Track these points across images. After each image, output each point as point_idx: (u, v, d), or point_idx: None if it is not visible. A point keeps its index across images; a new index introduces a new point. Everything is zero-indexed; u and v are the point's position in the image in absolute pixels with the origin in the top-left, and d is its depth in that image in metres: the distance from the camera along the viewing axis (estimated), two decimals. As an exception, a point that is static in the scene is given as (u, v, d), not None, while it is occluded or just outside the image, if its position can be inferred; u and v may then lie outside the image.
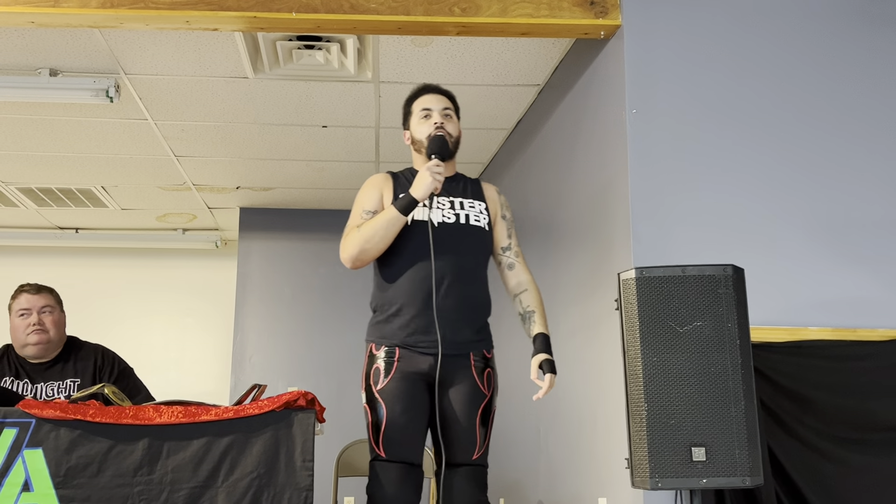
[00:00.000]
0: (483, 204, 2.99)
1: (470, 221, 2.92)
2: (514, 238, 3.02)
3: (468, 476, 2.80)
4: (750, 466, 2.46)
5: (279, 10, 3.32)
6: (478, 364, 2.86)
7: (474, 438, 2.81)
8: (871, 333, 3.13)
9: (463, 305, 2.85)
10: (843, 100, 3.33)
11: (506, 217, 3.02)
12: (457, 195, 2.97)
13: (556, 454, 4.00)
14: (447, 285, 2.83)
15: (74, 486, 2.57)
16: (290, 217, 6.88)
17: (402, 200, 2.84)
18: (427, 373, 2.82)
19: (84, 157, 5.47)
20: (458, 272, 2.86)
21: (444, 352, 2.79)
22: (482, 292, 2.93)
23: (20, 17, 3.30)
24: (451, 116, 2.98)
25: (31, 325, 3.48)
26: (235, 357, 6.73)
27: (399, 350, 2.85)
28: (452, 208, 2.93)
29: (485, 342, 2.91)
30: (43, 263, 7.47)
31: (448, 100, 3.01)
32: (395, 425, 2.81)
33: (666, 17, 3.32)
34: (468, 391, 2.83)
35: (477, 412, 2.83)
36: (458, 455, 2.82)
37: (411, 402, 2.81)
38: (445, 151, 2.89)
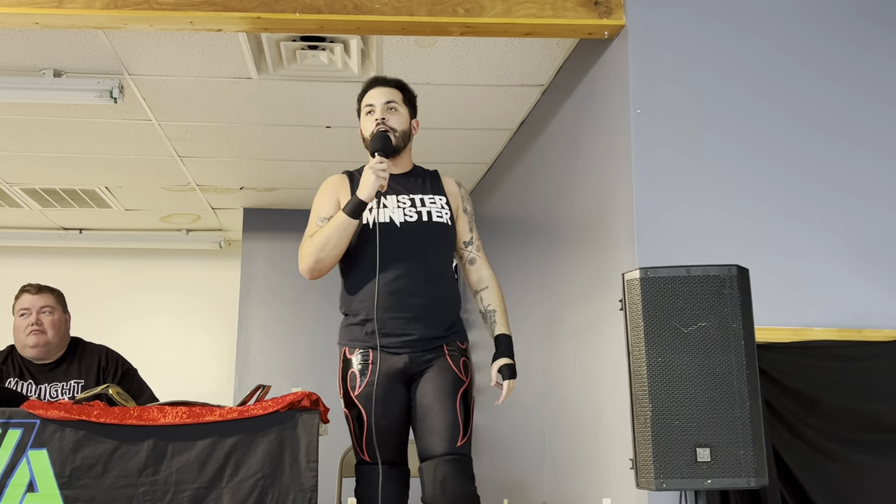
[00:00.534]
0: (444, 198, 2.97)
1: (432, 218, 2.90)
2: (475, 232, 3.01)
3: (455, 465, 2.72)
4: (755, 467, 2.46)
5: (283, 10, 3.32)
6: (453, 353, 2.86)
7: (456, 425, 2.76)
8: (877, 334, 3.13)
9: (432, 303, 2.85)
10: (847, 100, 3.32)
11: (467, 210, 3.00)
12: (416, 191, 2.95)
13: (560, 455, 3.99)
14: (416, 284, 2.83)
15: (79, 486, 2.57)
16: (294, 217, 6.87)
17: (350, 203, 2.84)
18: (403, 370, 2.82)
19: (88, 157, 5.47)
20: (424, 271, 2.86)
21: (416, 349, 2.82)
22: (450, 289, 2.93)
23: (24, 18, 3.31)
24: (396, 109, 2.95)
25: (29, 326, 3.48)
26: (239, 358, 6.73)
27: (373, 352, 2.84)
28: (413, 206, 2.91)
29: (458, 334, 2.91)
30: (47, 264, 7.48)
31: (396, 90, 2.98)
32: (374, 428, 2.79)
33: (670, 18, 3.32)
34: (446, 378, 2.81)
35: (456, 398, 2.79)
36: (440, 444, 2.75)
37: (389, 404, 2.81)
38: (388, 148, 2.88)
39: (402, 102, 2.98)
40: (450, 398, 2.79)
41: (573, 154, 3.93)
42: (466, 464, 2.76)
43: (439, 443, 2.75)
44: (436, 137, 5.10)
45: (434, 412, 2.78)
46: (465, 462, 2.76)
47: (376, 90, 2.98)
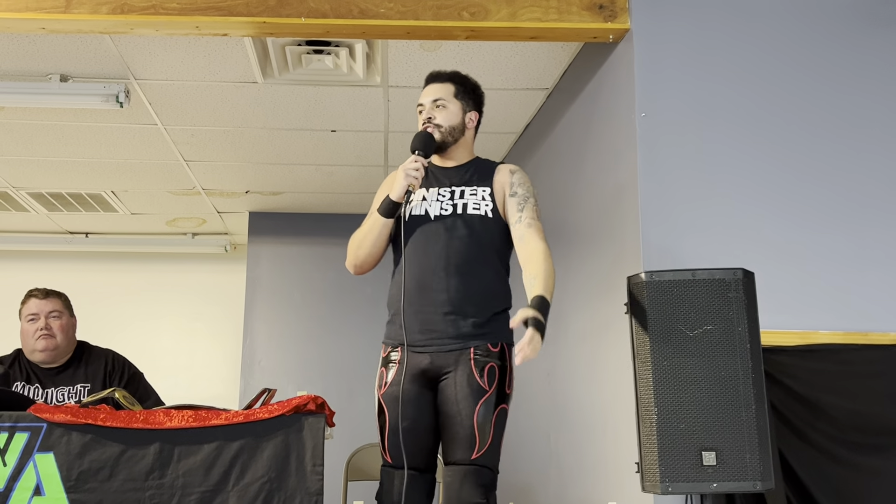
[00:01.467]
0: (488, 189, 2.85)
1: (468, 210, 2.81)
2: (527, 211, 2.81)
3: (465, 475, 2.64)
4: (761, 471, 2.46)
5: (289, 15, 3.33)
6: (478, 358, 2.70)
7: (472, 436, 2.64)
8: (883, 337, 3.12)
9: (458, 298, 2.73)
10: (854, 101, 3.32)
11: (516, 193, 2.84)
12: (460, 184, 2.88)
13: (566, 458, 3.99)
14: (442, 279, 2.74)
15: (86, 490, 2.57)
16: (300, 221, 6.89)
17: (383, 202, 2.83)
18: (425, 370, 2.74)
19: (94, 161, 5.49)
20: (453, 263, 2.75)
21: (440, 348, 2.72)
22: (486, 282, 2.77)
23: (31, 24, 3.32)
24: (445, 105, 2.89)
25: (39, 331, 3.49)
26: (245, 361, 6.74)
27: (401, 350, 2.78)
28: (451, 198, 2.85)
29: (490, 335, 2.73)
30: (53, 268, 7.49)
31: (449, 84, 2.92)
32: (395, 430, 2.73)
33: (675, 21, 3.32)
34: (466, 385, 2.67)
35: (475, 408, 2.65)
36: (456, 454, 2.67)
37: (410, 407, 2.73)
38: (428, 146, 2.85)
39: (454, 97, 2.91)
40: (469, 407, 2.66)
41: (578, 157, 3.93)
42: (481, 475, 2.64)
43: (456, 452, 2.67)
44: (441, 141, 5.11)
45: (453, 420, 2.68)
46: (480, 473, 2.64)
47: (427, 88, 2.95)
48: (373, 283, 6.79)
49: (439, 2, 3.37)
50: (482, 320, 2.74)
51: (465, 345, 2.71)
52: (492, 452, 2.67)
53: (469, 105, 2.94)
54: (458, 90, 2.92)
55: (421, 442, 2.73)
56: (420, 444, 2.72)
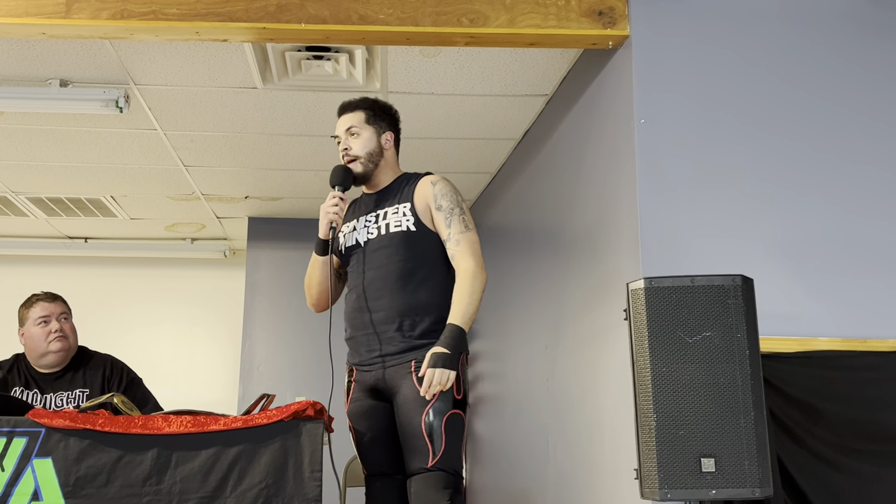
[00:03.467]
0: (408, 204, 2.95)
1: (390, 230, 2.93)
2: (454, 226, 2.91)
3: (426, 482, 2.75)
4: (759, 477, 2.46)
5: (288, 21, 3.33)
6: (418, 369, 2.81)
7: (425, 445, 2.75)
8: (882, 344, 3.12)
9: (393, 316, 2.87)
10: (853, 108, 3.32)
11: (441, 207, 2.93)
12: (383, 206, 3.00)
13: (564, 464, 3.99)
14: (375, 299, 2.90)
15: (84, 495, 2.57)
16: (299, 227, 6.88)
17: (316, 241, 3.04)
18: (374, 386, 2.93)
19: (93, 166, 5.49)
20: (382, 284, 2.90)
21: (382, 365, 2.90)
22: (419, 296, 2.88)
23: (31, 28, 3.32)
24: (358, 133, 3.03)
25: (52, 333, 3.50)
26: (244, 367, 6.73)
27: (355, 370, 3.02)
28: (376, 222, 2.98)
29: (429, 346, 2.82)
30: (52, 273, 7.49)
31: (359, 112, 3.06)
32: (361, 442, 2.94)
33: (674, 28, 3.33)
34: (410, 398, 2.80)
35: (421, 417, 2.76)
36: (414, 464, 2.79)
37: (370, 420, 2.93)
38: (346, 180, 3.00)
39: (366, 122, 3.05)
40: (416, 418, 2.78)
41: (577, 164, 3.93)
42: (440, 479, 2.75)
43: (413, 462, 2.80)
44: (439, 147, 5.12)
45: (404, 432, 2.82)
46: (439, 477, 2.75)
47: (340, 120, 3.09)
48: (372, 289, 6.78)
49: (439, 8, 3.37)
50: (419, 332, 2.87)
51: (405, 359, 2.86)
52: (448, 456, 2.77)
53: (382, 127, 3.09)
54: (368, 116, 3.07)
55: (383, 450, 2.91)
56: (383, 451, 2.91)
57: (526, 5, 3.38)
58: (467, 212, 2.96)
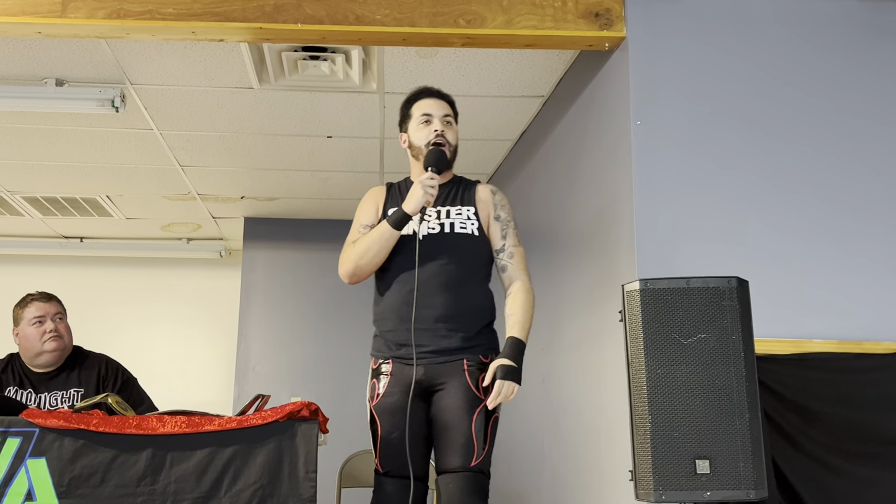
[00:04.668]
0: (472, 208, 2.93)
1: (455, 230, 2.88)
2: (509, 238, 2.93)
3: (464, 482, 2.72)
4: (754, 479, 2.46)
5: (285, 21, 3.33)
6: (472, 369, 2.79)
7: (471, 444, 2.73)
8: (877, 346, 3.13)
9: (449, 314, 2.82)
10: (848, 111, 3.33)
11: (500, 218, 2.94)
12: (446, 203, 2.94)
13: (559, 466, 3.99)
14: (431, 296, 2.82)
15: (78, 495, 2.56)
16: (295, 227, 6.89)
17: (394, 215, 2.85)
18: (418, 381, 2.81)
19: (89, 166, 5.48)
20: (442, 282, 2.83)
21: (432, 361, 2.80)
22: (474, 299, 2.87)
23: (27, 28, 3.32)
24: (452, 124, 2.95)
25: (47, 333, 3.49)
26: (239, 367, 6.73)
27: (393, 362, 2.87)
28: (438, 218, 2.91)
29: (481, 347, 2.84)
30: (47, 272, 7.49)
31: (449, 105, 2.98)
32: (388, 440, 2.82)
33: (670, 29, 3.33)
34: (462, 396, 2.77)
35: (472, 417, 2.75)
36: (454, 462, 2.74)
37: (401, 417, 2.79)
38: (443, 164, 2.88)
39: (454, 118, 2.98)
40: (466, 416, 2.75)
41: (574, 165, 3.93)
42: (480, 481, 2.74)
43: (454, 459, 2.74)
44: (437, 148, 5.11)
45: (450, 430, 2.76)
46: (479, 479, 2.74)
47: (434, 101, 2.96)
48: (368, 289, 6.77)
49: (435, 9, 3.37)
50: (472, 334, 2.85)
51: (457, 357, 2.81)
52: (487, 459, 2.78)
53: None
54: (454, 113, 3.00)
55: (413, 452, 2.78)
56: (414, 452, 2.78)
57: (523, 6, 3.38)
58: (517, 227, 2.98)
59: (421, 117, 2.94)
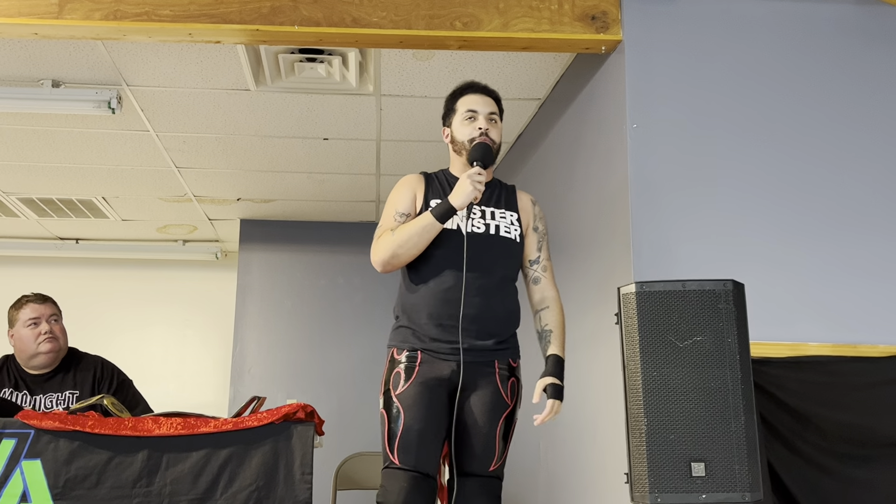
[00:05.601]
0: (515, 214, 2.90)
1: (500, 233, 2.84)
2: (544, 251, 2.93)
3: (482, 487, 2.71)
4: (750, 482, 2.46)
5: (282, 23, 3.33)
6: (503, 372, 2.79)
7: (493, 449, 2.72)
8: (872, 349, 3.13)
9: (487, 316, 2.77)
10: (843, 114, 3.34)
11: (538, 229, 2.93)
12: (490, 204, 2.89)
13: (555, 468, 3.99)
14: (472, 295, 2.76)
15: (73, 497, 2.56)
16: (291, 229, 6.89)
17: (440, 207, 2.77)
18: (448, 379, 2.74)
19: (85, 167, 5.48)
20: (483, 283, 2.78)
21: (467, 359, 2.73)
22: (508, 303, 2.84)
23: (24, 29, 3.32)
24: (496, 122, 2.89)
25: (42, 335, 3.48)
26: (234, 369, 6.72)
27: (422, 354, 2.76)
28: (483, 218, 2.86)
29: (510, 351, 2.84)
30: (43, 274, 7.47)
31: (496, 103, 2.92)
32: (411, 431, 2.70)
33: (667, 33, 3.34)
34: (491, 399, 2.75)
35: (498, 422, 2.74)
36: (474, 465, 2.72)
37: (429, 410, 2.71)
38: (489, 160, 2.81)
39: (499, 116, 2.92)
40: (493, 420, 2.74)
41: (570, 168, 3.94)
42: (495, 486, 2.75)
43: (473, 462, 2.72)
44: (432, 150, 5.12)
45: (474, 431, 2.73)
46: (494, 485, 2.74)
47: (480, 97, 2.90)
48: (363, 292, 6.79)
49: (432, 11, 3.38)
50: (505, 337, 2.84)
51: (489, 357, 2.78)
52: (504, 463, 2.79)
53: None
54: (500, 110, 2.93)
55: (432, 448, 2.72)
56: (432, 449, 2.72)
57: (519, 9, 3.38)
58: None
59: (466, 113, 2.88)
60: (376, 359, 6.61)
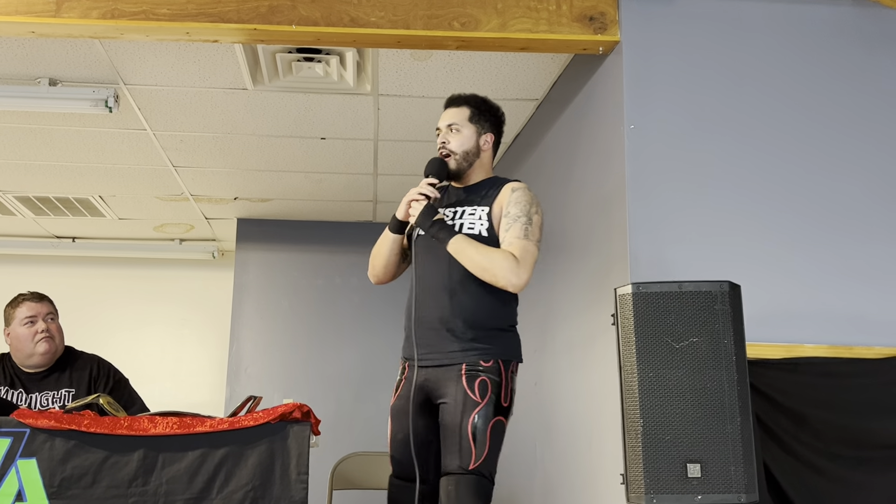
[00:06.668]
0: (487, 208, 2.89)
1: (462, 230, 2.86)
2: (511, 231, 2.82)
3: (463, 484, 2.72)
4: (745, 483, 2.46)
5: (279, 22, 3.33)
6: (469, 373, 2.77)
7: (468, 447, 2.72)
8: (868, 351, 3.14)
9: (451, 315, 2.81)
10: (840, 115, 3.34)
11: (508, 213, 2.86)
12: (464, 204, 2.94)
13: (551, 469, 3.99)
14: (434, 297, 2.84)
15: (68, 496, 2.56)
16: (288, 228, 6.88)
17: (392, 217, 2.97)
18: (422, 385, 2.83)
19: (82, 166, 5.47)
20: (447, 283, 2.84)
21: (432, 364, 2.82)
22: (478, 300, 2.83)
23: (21, 27, 3.31)
24: (459, 130, 2.96)
25: (39, 333, 3.47)
26: (231, 368, 6.72)
27: (407, 364, 2.91)
28: (452, 219, 2.91)
29: (481, 351, 2.80)
30: (39, 272, 7.46)
31: (464, 108, 2.99)
32: (394, 441, 2.87)
33: (664, 34, 3.34)
34: (459, 400, 2.76)
35: (468, 420, 2.73)
36: (453, 463, 2.75)
37: (405, 420, 2.83)
38: (440, 172, 2.93)
39: (469, 120, 2.97)
40: (461, 419, 2.74)
41: (567, 169, 3.94)
42: (477, 483, 2.72)
43: (452, 461, 2.75)
44: (430, 150, 5.10)
45: (447, 433, 2.77)
46: (476, 481, 2.71)
47: (444, 112, 3.03)
48: (360, 293, 6.79)
49: (430, 11, 3.38)
50: (474, 336, 2.82)
51: (458, 360, 2.80)
52: (488, 462, 2.74)
53: (484, 128, 3.00)
54: (472, 114, 2.99)
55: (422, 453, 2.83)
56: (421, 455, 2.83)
57: (517, 10, 3.38)
58: (536, 226, 2.85)
59: (436, 131, 3.04)
60: (373, 359, 6.62)
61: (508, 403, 2.83)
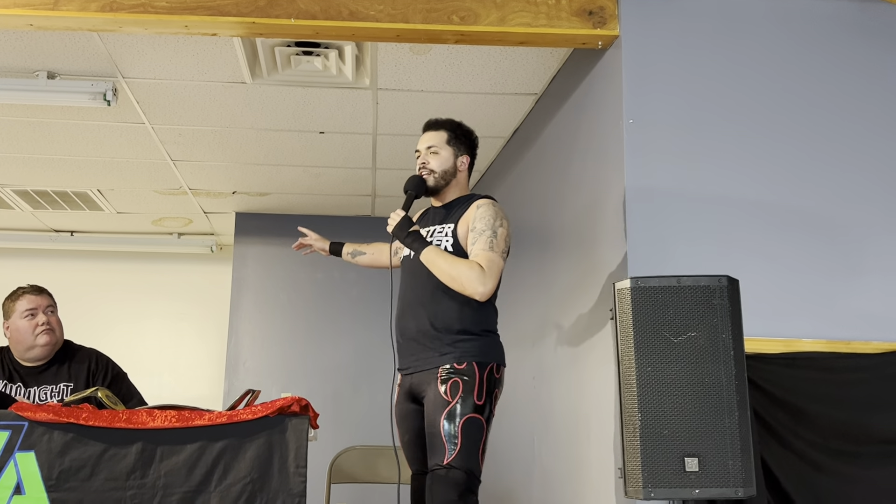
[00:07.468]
0: (452, 225, 3.12)
1: None
2: (477, 244, 3.01)
3: (435, 479, 2.90)
4: (743, 477, 2.47)
5: (278, 16, 3.32)
6: (444, 376, 2.98)
7: (441, 444, 2.90)
8: (865, 346, 3.14)
9: (425, 327, 3.06)
10: (841, 110, 3.34)
11: (475, 228, 3.06)
12: (435, 223, 3.19)
13: (549, 463, 4.00)
14: (412, 310, 3.11)
15: (67, 489, 2.56)
16: (287, 222, 6.87)
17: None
18: (409, 390, 3.14)
19: (80, 160, 5.46)
20: (420, 296, 3.10)
21: (415, 370, 3.08)
22: (450, 311, 3.04)
23: (19, 20, 3.30)
24: (437, 152, 3.21)
25: (39, 326, 3.48)
26: (229, 362, 6.72)
27: (400, 375, 3.21)
28: (428, 237, 3.15)
29: (454, 355, 3.01)
30: (38, 266, 7.45)
31: (442, 132, 3.24)
32: (402, 442, 3.19)
33: (664, 28, 3.34)
34: (433, 400, 2.97)
35: (440, 419, 2.92)
36: (431, 461, 2.96)
37: (404, 422, 3.16)
38: (418, 188, 3.17)
39: (447, 143, 3.23)
40: (434, 419, 2.95)
41: (566, 163, 3.94)
42: (454, 475, 2.88)
43: (432, 458, 2.95)
44: (429, 144, 5.11)
45: (427, 432, 3.00)
46: (453, 474, 2.88)
47: (423, 136, 3.27)
48: (358, 286, 6.79)
49: (429, 5, 3.37)
50: (447, 343, 3.03)
51: (434, 364, 3.03)
52: (463, 458, 2.91)
53: (461, 150, 3.26)
54: (450, 137, 3.25)
55: (420, 450, 3.11)
56: (419, 451, 3.11)
57: (516, 4, 3.38)
58: (501, 238, 3.03)
59: (415, 153, 3.28)
60: (371, 353, 6.62)
61: (483, 402, 2.97)
